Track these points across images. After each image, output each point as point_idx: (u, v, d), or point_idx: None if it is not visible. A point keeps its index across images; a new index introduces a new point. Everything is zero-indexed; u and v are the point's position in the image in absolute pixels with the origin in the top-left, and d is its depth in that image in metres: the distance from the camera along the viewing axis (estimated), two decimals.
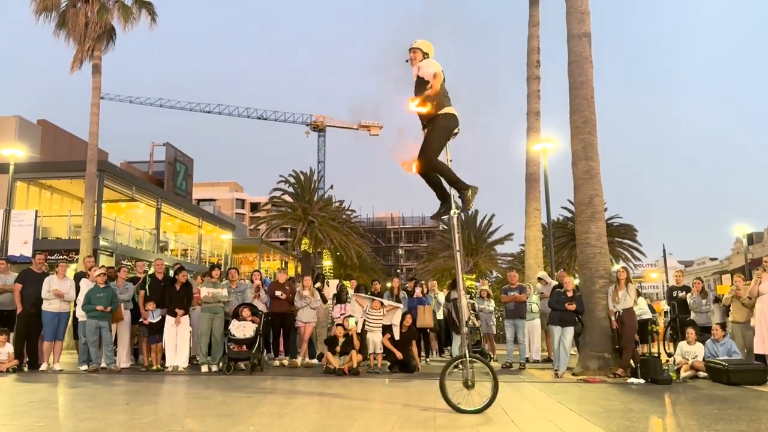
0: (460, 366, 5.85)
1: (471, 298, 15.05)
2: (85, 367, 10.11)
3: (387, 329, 10.70)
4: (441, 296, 13.16)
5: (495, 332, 13.17)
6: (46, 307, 10.18)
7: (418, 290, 12.71)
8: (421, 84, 5.98)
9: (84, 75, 19.94)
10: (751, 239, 46.88)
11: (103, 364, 10.20)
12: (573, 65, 11.00)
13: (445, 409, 5.66)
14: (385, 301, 11.10)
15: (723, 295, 11.34)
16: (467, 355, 5.77)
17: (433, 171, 5.98)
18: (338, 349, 9.99)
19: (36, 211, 23.38)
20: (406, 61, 6.19)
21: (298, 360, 11.33)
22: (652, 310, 14.74)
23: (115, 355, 10.63)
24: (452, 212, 6.05)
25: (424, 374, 9.91)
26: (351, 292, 12.48)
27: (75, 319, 10.77)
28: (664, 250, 47.81)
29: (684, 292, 11.82)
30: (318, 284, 12.49)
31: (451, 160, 6.00)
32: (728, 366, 8.52)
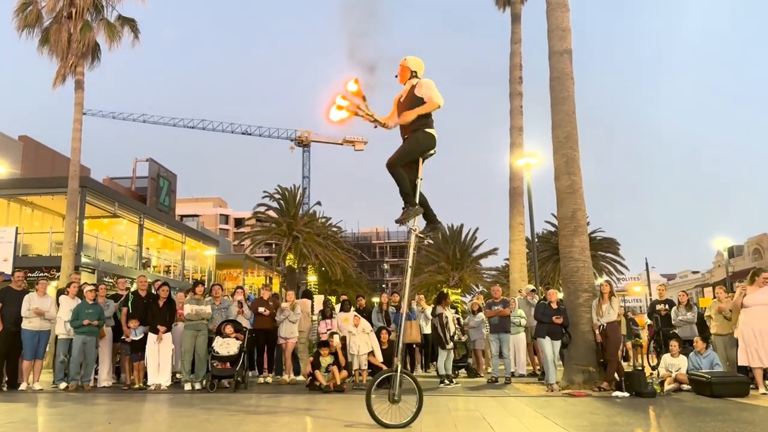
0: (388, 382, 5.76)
1: (456, 312, 15.08)
2: (63, 385, 9.96)
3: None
4: (428, 310, 13.15)
5: (484, 347, 13.13)
6: (26, 325, 10.02)
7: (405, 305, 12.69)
8: (414, 101, 6.01)
9: (66, 90, 19.87)
10: (732, 252, 47.46)
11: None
12: (555, 81, 11.15)
13: (432, 424, 5.64)
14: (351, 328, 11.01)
15: (705, 308, 11.45)
16: (399, 371, 5.69)
17: (390, 174, 5.97)
18: (323, 364, 9.92)
19: (16, 228, 23.06)
20: (396, 76, 6.25)
21: (286, 377, 11.24)
22: (635, 324, 14.86)
23: (96, 374, 10.50)
24: (412, 228, 6.02)
25: (409, 390, 9.84)
26: (336, 308, 12.45)
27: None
28: (646, 264, 48.19)
29: (666, 306, 11.92)
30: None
31: (421, 179, 6.01)
32: (711, 378, 8.59)
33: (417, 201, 5.94)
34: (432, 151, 6.04)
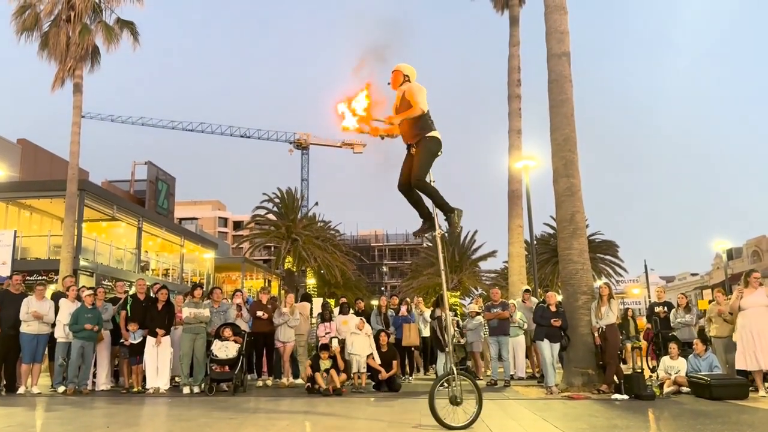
0: (447, 383, 5.84)
1: (456, 315, 15.08)
2: (62, 388, 9.95)
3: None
4: (427, 313, 13.14)
5: (482, 350, 13.13)
6: (24, 329, 10.01)
7: (403, 308, 12.70)
8: (405, 106, 6.04)
9: (65, 94, 19.86)
10: (731, 255, 47.48)
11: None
12: (553, 84, 11.15)
13: (430, 426, 5.63)
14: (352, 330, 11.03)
15: (704, 310, 11.44)
16: (455, 372, 5.77)
17: (423, 192, 6.07)
18: (323, 367, 9.90)
19: (15, 231, 23.03)
20: (388, 83, 6.27)
21: (285, 380, 11.22)
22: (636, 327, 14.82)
23: (94, 377, 10.48)
24: (436, 232, 6.12)
25: (408, 392, 9.86)
26: (336, 311, 12.44)
27: (53, 340, 10.59)
28: (645, 266, 48.16)
29: (665, 308, 11.91)
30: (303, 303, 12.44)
31: (434, 181, 6.10)
32: (710, 381, 8.58)
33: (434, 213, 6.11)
34: (439, 153, 6.12)
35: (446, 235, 6.40)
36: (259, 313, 11.24)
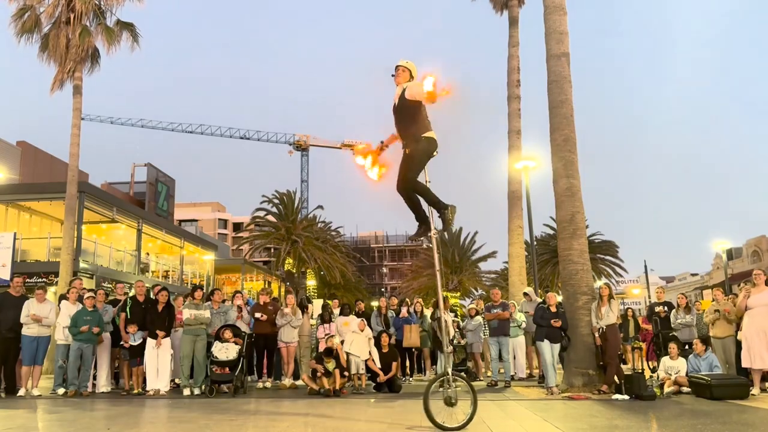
0: (444, 385, 5.83)
1: (456, 316, 15.07)
2: (62, 390, 9.95)
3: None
4: (428, 314, 13.14)
5: (482, 350, 13.12)
6: (25, 331, 10.01)
7: (404, 309, 12.69)
8: (404, 104, 6.02)
9: (65, 96, 19.85)
10: (731, 254, 47.49)
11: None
12: (552, 85, 11.16)
13: (429, 427, 5.63)
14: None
15: (704, 310, 11.45)
16: (450, 374, 5.75)
17: (413, 192, 6.06)
18: (327, 366, 9.90)
19: (15, 234, 23.02)
20: (392, 75, 6.26)
21: (286, 381, 11.21)
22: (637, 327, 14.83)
23: (95, 379, 10.48)
24: (432, 233, 6.10)
25: (408, 393, 9.85)
26: (336, 312, 12.43)
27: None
28: (645, 266, 48.18)
29: (665, 308, 11.92)
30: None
31: (429, 181, 6.11)
32: (711, 381, 8.58)
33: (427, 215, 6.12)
34: (435, 153, 6.10)
35: (445, 235, 6.41)
36: (257, 315, 11.23)
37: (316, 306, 15.78)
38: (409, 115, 6.02)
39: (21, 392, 9.94)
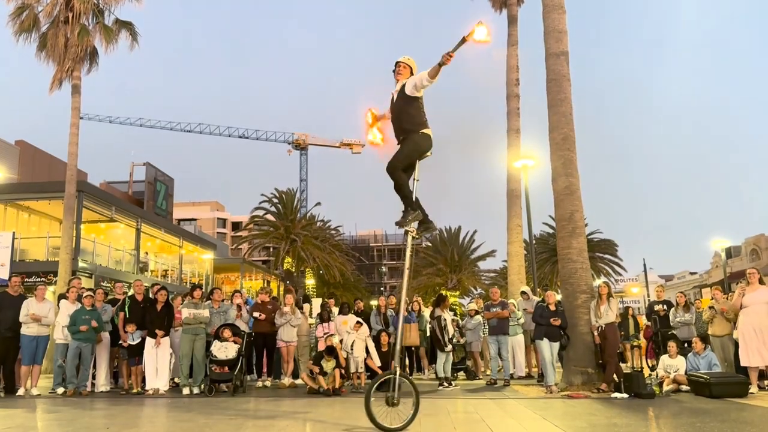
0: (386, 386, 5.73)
1: (455, 315, 15.08)
2: (61, 390, 9.94)
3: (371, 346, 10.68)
4: (427, 313, 13.13)
5: (481, 349, 13.12)
6: (24, 330, 10.01)
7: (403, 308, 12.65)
8: (404, 99, 6.01)
9: (63, 95, 19.83)
10: (730, 253, 47.50)
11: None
12: (551, 83, 11.16)
13: (431, 427, 5.63)
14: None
15: (703, 308, 11.48)
16: (397, 373, 5.68)
17: (391, 178, 5.98)
18: (327, 364, 9.89)
19: (13, 233, 22.99)
20: (393, 70, 6.24)
21: (285, 380, 11.21)
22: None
23: (94, 379, 10.47)
24: (410, 229, 6.01)
25: (408, 392, 9.82)
26: (335, 311, 12.43)
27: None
28: (644, 265, 48.24)
29: (664, 306, 11.93)
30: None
31: (417, 180, 6.04)
32: (710, 379, 8.59)
33: (416, 204, 5.95)
34: (429, 153, 6.06)
35: (438, 236, 6.32)
36: (255, 314, 11.22)
37: (315, 305, 15.77)
38: (407, 109, 6.00)
39: (20, 392, 9.93)
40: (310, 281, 46.64)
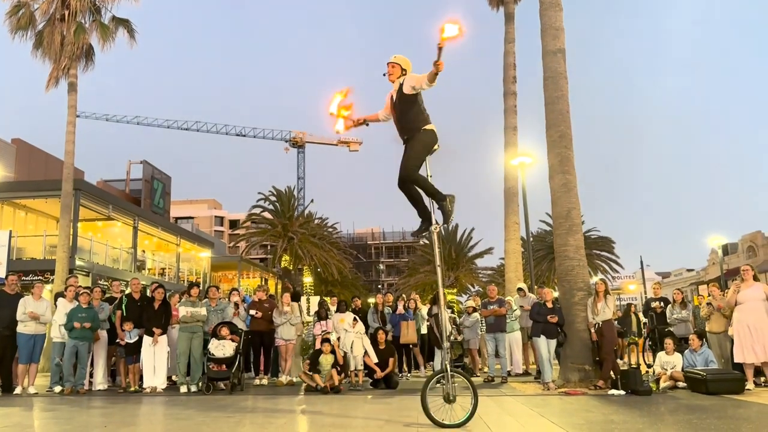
0: (442, 381, 5.83)
1: (453, 312, 15.09)
2: (58, 388, 9.94)
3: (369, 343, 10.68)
4: (424, 310, 13.14)
5: (479, 347, 13.14)
6: (21, 329, 9.99)
7: (400, 306, 12.68)
8: (402, 99, 6.02)
9: (60, 93, 19.75)
10: (726, 250, 47.64)
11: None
12: (548, 81, 11.16)
13: (427, 424, 5.64)
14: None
15: (700, 304, 11.52)
16: (448, 370, 5.77)
17: (412, 184, 6.04)
18: (324, 363, 9.90)
19: (10, 232, 22.94)
20: (383, 74, 6.25)
21: (283, 378, 11.20)
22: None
23: (91, 377, 10.47)
24: (432, 227, 6.10)
25: (406, 390, 9.85)
26: (332, 308, 12.43)
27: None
28: (641, 262, 48.33)
29: (661, 303, 11.97)
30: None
31: (431, 175, 6.09)
32: (707, 376, 8.61)
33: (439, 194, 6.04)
34: (436, 147, 6.09)
35: (442, 230, 6.40)
36: (252, 312, 11.21)
37: (312, 303, 15.77)
38: (408, 108, 6.02)
39: (17, 390, 9.92)
40: (307, 279, 46.61)
